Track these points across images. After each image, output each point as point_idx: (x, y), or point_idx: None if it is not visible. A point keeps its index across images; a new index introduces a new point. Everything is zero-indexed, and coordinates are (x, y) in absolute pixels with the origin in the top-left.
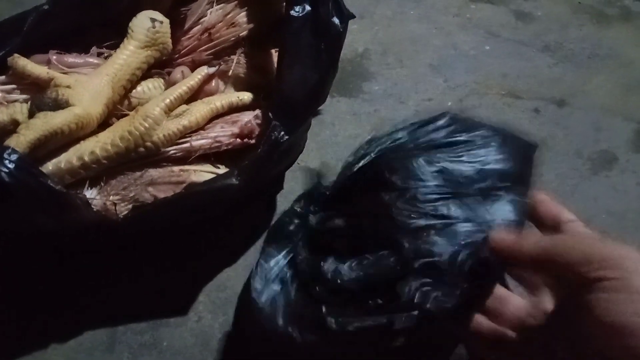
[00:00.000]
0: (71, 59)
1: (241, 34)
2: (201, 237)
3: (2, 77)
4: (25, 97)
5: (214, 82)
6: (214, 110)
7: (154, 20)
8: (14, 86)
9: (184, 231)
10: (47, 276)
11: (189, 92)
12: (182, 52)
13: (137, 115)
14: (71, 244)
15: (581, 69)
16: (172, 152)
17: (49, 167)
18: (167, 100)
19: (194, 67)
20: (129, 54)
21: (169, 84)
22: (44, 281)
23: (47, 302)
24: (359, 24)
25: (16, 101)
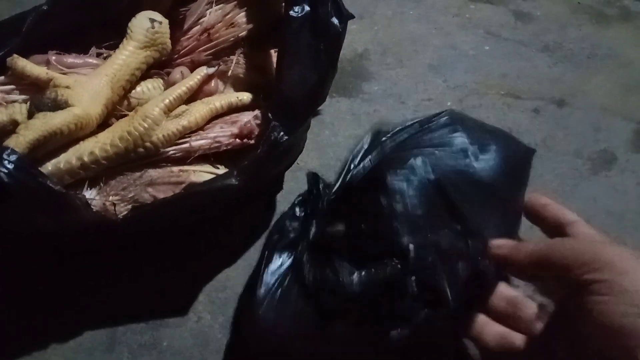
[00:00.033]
0: (70, 59)
1: (240, 34)
2: (201, 237)
3: (2, 78)
4: (24, 97)
5: (213, 83)
6: (214, 110)
7: (153, 20)
8: (13, 87)
9: (184, 231)
10: (47, 276)
11: (189, 92)
12: (182, 52)
13: (137, 115)
14: (71, 244)
15: (580, 69)
16: (171, 152)
17: (49, 167)
18: (167, 100)
19: (193, 67)
20: (128, 55)
21: (168, 85)
22: (44, 281)
23: (47, 302)
24: (358, 24)
25: (15, 102)
